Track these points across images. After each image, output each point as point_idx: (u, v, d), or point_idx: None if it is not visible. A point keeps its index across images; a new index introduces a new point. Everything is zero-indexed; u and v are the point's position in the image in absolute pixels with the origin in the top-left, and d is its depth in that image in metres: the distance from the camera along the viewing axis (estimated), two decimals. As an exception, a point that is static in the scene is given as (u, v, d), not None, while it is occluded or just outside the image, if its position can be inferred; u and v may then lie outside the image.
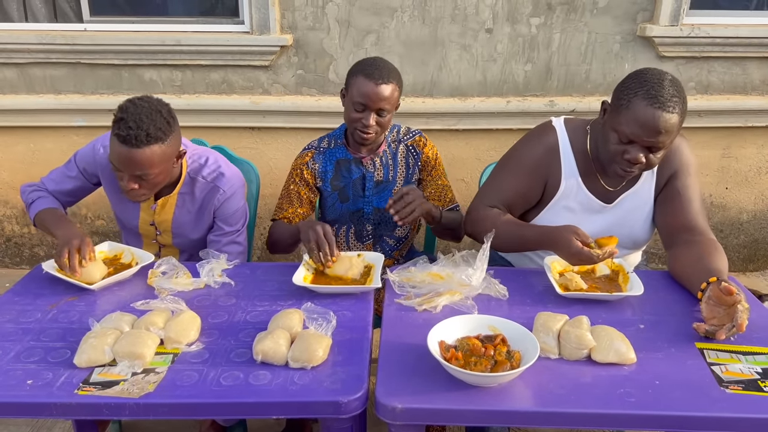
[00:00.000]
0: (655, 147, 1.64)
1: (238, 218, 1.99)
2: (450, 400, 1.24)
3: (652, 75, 1.63)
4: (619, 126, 1.65)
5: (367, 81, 1.88)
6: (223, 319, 1.55)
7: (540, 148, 1.86)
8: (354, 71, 1.95)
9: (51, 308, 1.60)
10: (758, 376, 1.29)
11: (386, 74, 1.90)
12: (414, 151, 2.11)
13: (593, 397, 1.25)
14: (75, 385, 1.28)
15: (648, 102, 1.59)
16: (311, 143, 2.15)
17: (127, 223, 2.03)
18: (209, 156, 1.97)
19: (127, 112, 1.66)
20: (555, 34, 3.02)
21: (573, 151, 1.84)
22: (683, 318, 1.53)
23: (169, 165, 1.77)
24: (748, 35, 2.98)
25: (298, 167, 2.11)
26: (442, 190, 2.12)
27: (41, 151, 3.21)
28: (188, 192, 1.94)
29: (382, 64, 1.93)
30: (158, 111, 1.70)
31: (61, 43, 2.97)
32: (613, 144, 1.68)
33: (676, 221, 1.80)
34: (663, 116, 1.58)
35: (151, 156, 1.68)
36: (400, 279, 1.68)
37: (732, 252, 3.46)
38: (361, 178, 2.10)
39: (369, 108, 1.90)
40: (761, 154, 3.28)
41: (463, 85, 3.10)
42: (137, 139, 1.64)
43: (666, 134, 1.61)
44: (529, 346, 1.32)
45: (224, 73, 3.07)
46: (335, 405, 1.24)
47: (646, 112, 1.59)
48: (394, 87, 1.92)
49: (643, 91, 1.61)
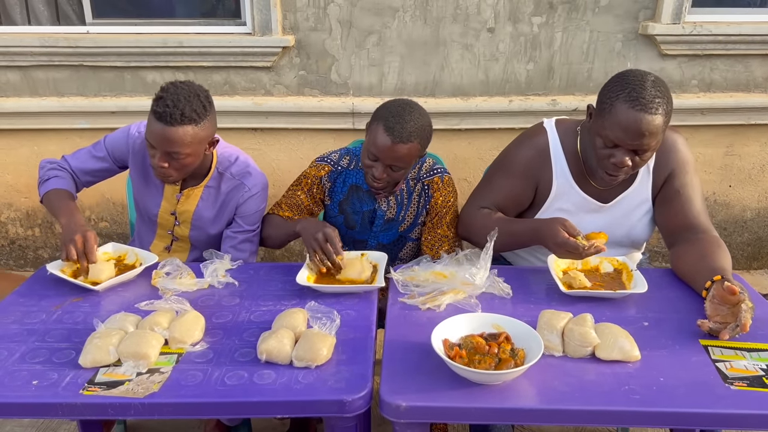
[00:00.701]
0: (640, 150, 1.63)
1: (257, 219, 2.02)
2: (454, 398, 1.24)
3: (634, 77, 1.61)
4: (603, 130, 1.64)
5: (386, 135, 1.75)
6: (227, 319, 1.55)
7: (530, 151, 1.86)
8: (378, 116, 1.81)
9: (56, 309, 1.60)
10: (763, 373, 1.29)
11: (407, 133, 1.75)
12: (427, 193, 1.99)
13: (597, 395, 1.25)
14: (80, 385, 1.29)
15: (630, 105, 1.57)
16: (330, 156, 2.04)
17: (148, 211, 2.04)
18: (240, 155, 2.02)
19: (167, 91, 1.73)
20: (557, 33, 3.01)
21: (564, 152, 1.84)
22: (687, 315, 1.53)
23: (200, 149, 1.80)
24: (751, 32, 2.98)
25: (311, 178, 2.03)
26: (438, 240, 1.99)
27: (44, 154, 3.21)
28: (215, 186, 1.98)
29: (409, 118, 1.77)
30: (197, 95, 1.75)
31: (64, 45, 2.98)
32: (598, 148, 1.68)
33: (677, 221, 1.80)
34: (646, 118, 1.56)
35: (183, 135, 1.71)
36: (403, 278, 1.69)
37: (735, 250, 3.45)
38: (371, 211, 2.02)
39: (381, 161, 1.80)
40: (764, 151, 3.27)
41: (465, 85, 3.10)
42: (172, 117, 1.69)
43: (650, 136, 1.59)
44: (533, 343, 1.32)
45: (226, 75, 3.08)
46: (339, 404, 1.24)
47: (628, 116, 1.57)
48: (414, 146, 1.78)
49: (624, 93, 1.59)
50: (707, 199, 3.34)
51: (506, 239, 1.82)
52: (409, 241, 2.07)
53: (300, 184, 2.05)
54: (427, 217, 2.02)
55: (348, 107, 3.05)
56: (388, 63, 3.06)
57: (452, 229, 1.99)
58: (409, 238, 2.06)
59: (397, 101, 1.84)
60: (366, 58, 3.05)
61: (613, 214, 1.85)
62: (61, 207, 1.87)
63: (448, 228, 1.98)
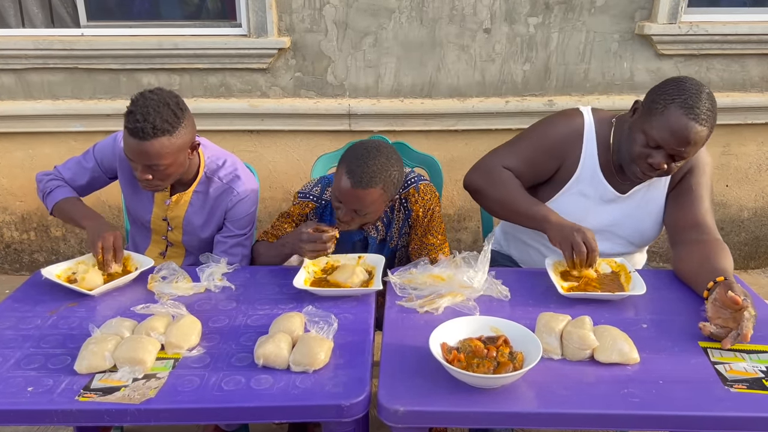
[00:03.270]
0: (679, 156, 1.66)
1: (248, 222, 1.99)
2: (453, 402, 1.23)
3: (692, 85, 1.64)
4: (650, 129, 1.65)
5: (347, 179, 1.69)
6: (224, 324, 1.54)
7: (566, 129, 1.87)
8: (344, 157, 1.75)
9: (51, 314, 1.59)
10: (762, 375, 1.29)
11: (368, 178, 1.68)
12: (405, 206, 1.95)
13: (597, 398, 1.24)
14: (76, 391, 1.27)
15: (684, 111, 1.60)
16: (312, 192, 1.97)
17: (140, 218, 2.03)
18: (228, 159, 1.99)
19: (136, 104, 1.69)
20: (553, 33, 3.01)
21: (597, 139, 1.85)
22: (686, 317, 1.53)
23: (181, 156, 1.78)
24: (747, 32, 2.98)
25: (297, 216, 1.98)
26: (425, 248, 1.95)
27: (39, 157, 3.20)
28: (203, 191, 1.96)
29: (372, 163, 1.69)
30: (166, 104, 1.70)
31: (59, 48, 2.97)
32: (638, 145, 1.69)
33: (684, 218, 1.81)
34: (696, 128, 1.60)
35: (159, 148, 1.69)
36: (401, 281, 1.68)
37: (733, 250, 3.44)
38: (362, 240, 2.00)
39: (345, 205, 1.75)
40: (761, 151, 3.27)
41: (461, 86, 3.10)
42: (144, 131, 1.66)
43: (693, 146, 1.63)
44: (532, 347, 1.31)
45: (222, 77, 3.07)
46: (337, 408, 1.23)
47: (680, 121, 1.60)
48: (376, 192, 1.70)
49: (681, 99, 1.61)
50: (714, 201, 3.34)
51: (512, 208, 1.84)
52: (397, 252, 2.05)
53: (287, 218, 1.99)
54: (411, 230, 1.98)
55: (344, 109, 3.04)
56: (385, 64, 3.05)
57: (437, 235, 1.96)
58: (396, 250, 2.04)
59: (364, 143, 1.78)
60: (362, 59, 3.04)
61: (628, 205, 1.87)
62: (81, 211, 1.91)
63: (432, 236, 1.95)
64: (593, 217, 1.85)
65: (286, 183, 3.25)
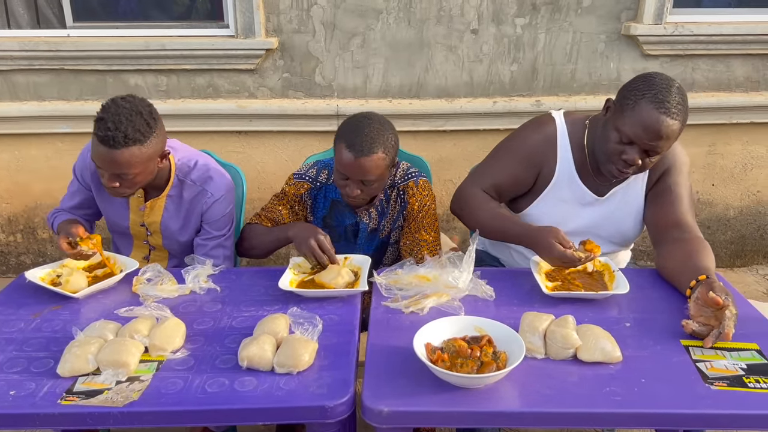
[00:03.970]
0: (653, 151, 1.67)
1: (225, 223, 1.97)
2: (437, 403, 1.24)
3: (662, 80, 1.65)
4: (622, 126, 1.66)
5: (348, 152, 1.73)
6: (209, 326, 1.53)
7: (538, 137, 1.88)
8: (339, 134, 1.80)
9: (34, 317, 1.58)
10: (743, 372, 1.30)
11: (369, 146, 1.73)
12: (402, 199, 1.97)
13: (580, 397, 1.25)
14: (58, 395, 1.27)
15: (654, 105, 1.61)
16: (308, 173, 1.99)
17: (118, 225, 2.02)
18: (199, 159, 1.96)
19: (108, 112, 1.65)
20: (540, 34, 3.02)
21: (570, 143, 1.86)
22: (669, 316, 1.54)
23: (150, 165, 1.75)
24: (732, 32, 3.00)
25: (292, 196, 1.99)
26: (417, 244, 1.95)
27: (26, 159, 3.18)
28: (177, 194, 1.93)
29: (368, 131, 1.75)
30: (138, 112, 1.68)
31: (45, 49, 2.95)
32: (612, 143, 1.70)
33: (665, 218, 1.82)
34: (667, 121, 1.61)
35: (129, 157, 1.66)
36: (387, 282, 1.68)
37: (719, 248, 3.48)
38: (353, 225, 2.01)
39: (351, 179, 1.78)
40: (746, 150, 3.30)
41: (449, 86, 3.11)
42: (114, 140, 1.63)
43: (666, 140, 1.63)
44: (515, 346, 1.32)
45: (210, 78, 3.06)
46: (321, 410, 1.23)
47: (650, 115, 1.61)
48: (380, 157, 1.74)
49: (651, 94, 1.62)
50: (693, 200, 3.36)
51: (497, 234, 1.85)
52: (390, 246, 2.07)
53: (281, 199, 2.01)
54: (405, 222, 2.00)
55: (333, 109, 3.05)
56: (373, 65, 3.05)
57: (430, 232, 1.97)
58: (389, 244, 2.06)
59: (355, 116, 1.83)
60: (350, 60, 3.04)
61: (607, 207, 1.88)
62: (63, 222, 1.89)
63: (426, 232, 1.96)
64: (572, 221, 1.86)
65: (274, 184, 3.24)
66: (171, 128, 1.87)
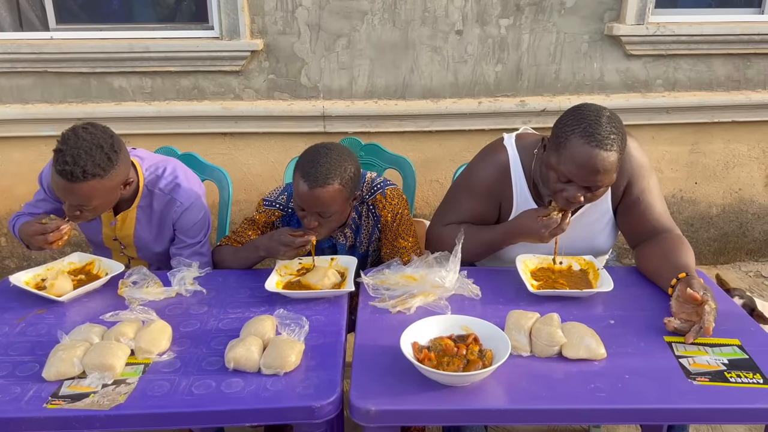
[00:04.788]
0: (594, 185, 1.60)
1: (199, 229, 1.93)
2: (424, 401, 1.24)
3: (590, 111, 1.59)
4: (557, 165, 1.61)
5: (303, 183, 1.68)
6: (195, 328, 1.53)
7: (491, 170, 1.84)
8: (297, 164, 1.74)
9: (19, 321, 1.57)
10: (724, 368, 1.32)
11: (323, 177, 1.67)
12: (374, 213, 1.94)
13: (564, 393, 1.26)
14: (44, 398, 1.26)
15: (585, 140, 1.54)
16: (278, 200, 1.94)
17: (93, 239, 2.00)
18: (167, 166, 1.91)
19: (67, 144, 1.60)
20: (524, 34, 3.05)
21: (524, 170, 1.82)
22: (652, 313, 1.56)
23: (112, 195, 1.72)
24: (713, 32, 3.04)
25: (263, 224, 1.95)
26: (397, 252, 1.93)
27: (9, 163, 3.15)
28: (147, 205, 1.89)
29: (324, 161, 1.69)
30: (99, 146, 1.62)
31: (27, 52, 2.93)
32: (552, 182, 1.65)
33: (639, 227, 1.81)
34: (600, 155, 1.54)
35: (89, 191, 1.62)
36: (374, 282, 1.69)
37: (702, 245, 3.52)
38: (331, 246, 1.98)
39: (308, 210, 1.74)
40: (728, 149, 3.34)
41: (434, 87, 3.12)
42: (73, 175, 1.58)
43: (604, 173, 1.56)
44: (501, 344, 1.33)
45: (195, 79, 3.05)
46: (308, 410, 1.24)
47: (582, 152, 1.54)
48: (335, 188, 1.69)
49: (580, 128, 1.56)
50: (674, 196, 3.41)
51: (478, 248, 1.84)
52: (369, 257, 2.05)
53: (252, 224, 1.96)
54: (381, 234, 1.97)
55: (318, 111, 3.05)
56: (358, 66, 3.06)
57: (408, 238, 1.94)
58: (368, 254, 2.04)
59: (315, 146, 1.77)
60: (335, 61, 3.04)
61: (574, 228, 1.80)
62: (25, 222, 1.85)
63: (403, 239, 1.93)
64: (543, 246, 1.79)
65: (260, 185, 3.24)
66: (156, 131, 1.87)
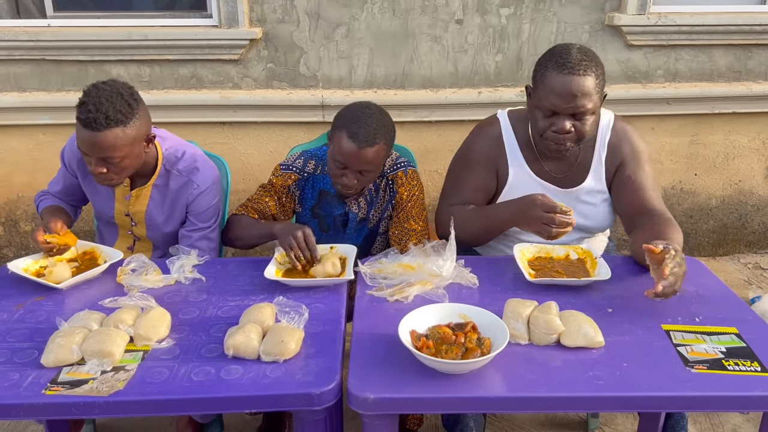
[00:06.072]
0: (578, 113, 1.68)
1: (211, 214, 1.97)
2: (422, 389, 1.25)
3: (560, 47, 1.72)
4: (539, 102, 1.72)
5: (350, 142, 1.74)
6: (194, 315, 1.53)
7: (485, 140, 1.92)
8: (339, 123, 1.79)
9: (18, 308, 1.57)
10: (722, 356, 1.32)
11: (372, 136, 1.74)
12: (391, 189, 1.98)
13: (563, 381, 1.26)
14: (43, 385, 1.26)
15: (558, 70, 1.66)
16: (295, 164, 1.98)
17: (104, 214, 2.01)
18: (187, 150, 1.95)
19: (89, 95, 1.67)
20: (525, 24, 3.03)
21: (517, 140, 1.90)
22: (650, 301, 1.55)
23: (136, 149, 1.75)
24: (714, 23, 3.03)
25: (279, 187, 1.98)
26: (406, 234, 1.96)
27: (7, 151, 3.14)
28: (163, 184, 1.93)
29: (370, 121, 1.76)
30: (119, 94, 1.68)
31: (25, 39, 2.91)
32: (540, 121, 1.74)
33: (631, 207, 1.85)
34: (575, 80, 1.64)
35: (113, 139, 1.67)
36: (371, 271, 1.69)
37: (702, 237, 3.53)
38: (343, 215, 2.01)
39: (350, 168, 1.79)
40: (728, 140, 3.34)
41: (434, 77, 3.11)
42: (96, 122, 1.64)
43: (583, 97, 1.65)
44: (499, 332, 1.33)
45: (193, 68, 3.03)
46: (308, 397, 1.24)
47: (557, 80, 1.66)
48: (381, 148, 1.78)
49: (552, 62, 1.69)
50: (673, 188, 3.40)
51: (489, 232, 1.85)
52: (378, 236, 2.08)
53: (268, 191, 2.00)
54: (393, 212, 2.01)
55: (317, 100, 3.03)
56: (357, 55, 3.04)
57: (419, 222, 1.98)
58: (377, 233, 2.07)
59: (355, 105, 1.84)
60: (335, 50, 3.03)
61: (571, 203, 1.85)
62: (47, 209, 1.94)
63: (414, 221, 1.97)
64: None
65: (259, 175, 3.23)
66: (154, 119, 1.86)
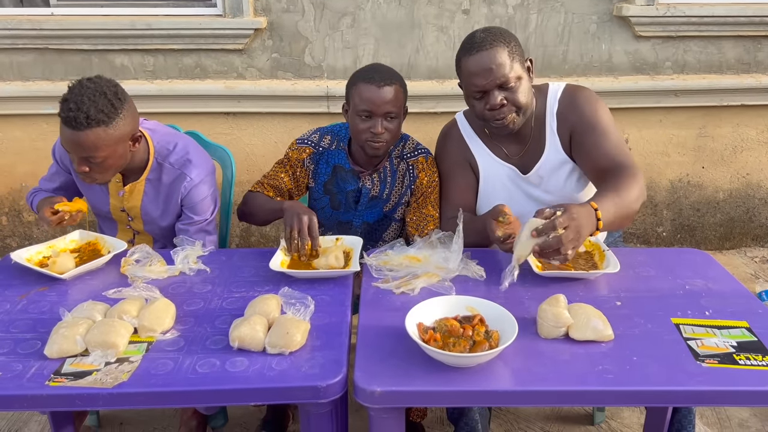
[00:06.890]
0: (502, 83, 1.72)
1: (207, 207, 1.93)
2: (429, 382, 1.23)
3: (469, 35, 1.78)
4: (465, 88, 1.80)
5: (369, 85, 1.81)
6: (199, 306, 1.52)
7: (451, 141, 2.00)
8: (352, 81, 1.87)
9: (21, 299, 1.56)
10: (733, 350, 1.31)
11: (387, 76, 1.83)
12: (411, 173, 2.01)
13: (571, 375, 1.25)
14: (46, 376, 1.25)
15: (468, 53, 1.73)
16: (311, 138, 2.02)
17: (99, 210, 1.99)
18: (179, 141, 1.92)
19: (72, 92, 1.64)
20: (532, 14, 3.00)
21: (475, 132, 1.97)
22: (659, 294, 1.54)
23: (120, 149, 1.71)
24: (723, 14, 3.00)
25: (294, 161, 2.01)
26: (424, 219, 1.97)
27: (10, 140, 3.13)
28: (156, 178, 1.90)
29: (381, 67, 1.87)
30: (103, 93, 1.64)
31: (28, 28, 2.89)
32: (476, 106, 1.79)
33: (593, 164, 1.79)
34: (483, 55, 1.70)
35: (95, 139, 1.63)
36: (377, 263, 1.67)
37: (709, 230, 3.50)
38: (355, 191, 2.02)
39: (375, 114, 1.82)
40: (736, 133, 3.31)
41: (440, 68, 3.08)
42: (77, 121, 1.61)
43: (499, 67, 1.70)
44: (507, 325, 1.31)
45: (197, 58, 3.01)
46: (314, 390, 1.23)
47: (470, 63, 1.73)
48: (398, 88, 1.84)
49: (463, 49, 1.76)
50: (680, 180, 3.38)
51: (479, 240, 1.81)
52: (394, 222, 2.08)
53: (283, 165, 2.02)
54: (412, 198, 2.02)
55: (322, 90, 3.01)
56: (363, 45, 3.02)
57: (437, 208, 1.99)
58: (393, 219, 2.06)
59: (361, 68, 1.93)
60: (340, 40, 3.01)
61: (538, 183, 1.90)
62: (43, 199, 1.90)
63: (433, 207, 1.98)
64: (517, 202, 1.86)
65: (263, 166, 3.21)
66: (158, 110, 1.86)
